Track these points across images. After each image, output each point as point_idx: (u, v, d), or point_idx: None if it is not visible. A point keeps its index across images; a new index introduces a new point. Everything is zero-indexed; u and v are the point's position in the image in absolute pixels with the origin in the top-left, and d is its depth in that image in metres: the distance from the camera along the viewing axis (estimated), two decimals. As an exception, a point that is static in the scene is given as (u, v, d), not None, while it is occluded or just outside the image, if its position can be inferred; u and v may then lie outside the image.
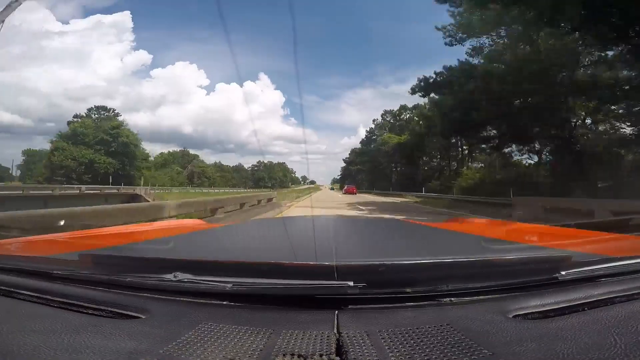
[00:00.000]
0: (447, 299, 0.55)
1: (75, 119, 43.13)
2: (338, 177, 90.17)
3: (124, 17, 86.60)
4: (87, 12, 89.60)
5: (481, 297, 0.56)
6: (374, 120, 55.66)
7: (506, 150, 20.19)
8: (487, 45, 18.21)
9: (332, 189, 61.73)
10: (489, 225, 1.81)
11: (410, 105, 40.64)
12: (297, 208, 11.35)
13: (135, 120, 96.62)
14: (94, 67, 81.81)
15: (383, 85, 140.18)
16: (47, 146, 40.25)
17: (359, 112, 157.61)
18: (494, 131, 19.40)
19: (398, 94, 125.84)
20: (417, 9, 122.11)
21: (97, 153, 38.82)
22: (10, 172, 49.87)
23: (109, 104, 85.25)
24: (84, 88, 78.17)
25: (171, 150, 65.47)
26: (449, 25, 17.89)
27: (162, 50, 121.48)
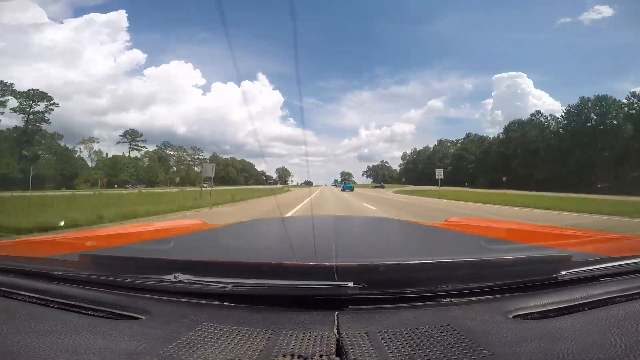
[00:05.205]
0: (447, 299, 0.55)
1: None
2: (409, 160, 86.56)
3: (119, 16, 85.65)
4: (80, 11, 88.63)
5: (481, 297, 0.56)
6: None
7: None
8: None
9: (343, 188, 33.61)
10: (488, 225, 1.81)
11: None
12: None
13: (126, 119, 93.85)
14: (86, 66, 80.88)
15: (383, 87, 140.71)
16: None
17: (358, 114, 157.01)
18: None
19: (398, 95, 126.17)
20: (416, 11, 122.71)
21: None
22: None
23: (99, 102, 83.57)
24: (76, 87, 77.27)
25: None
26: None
27: (157, 49, 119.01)
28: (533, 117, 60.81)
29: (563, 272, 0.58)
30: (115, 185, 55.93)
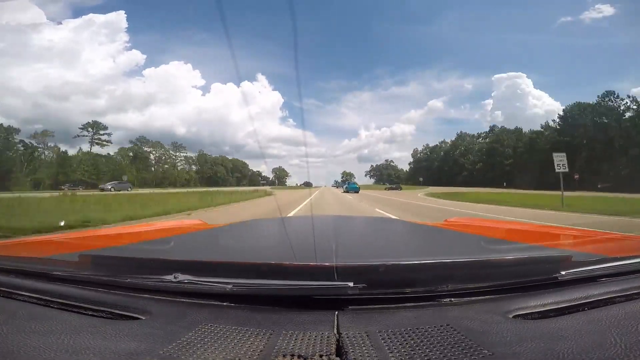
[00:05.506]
0: (447, 300, 0.55)
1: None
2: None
3: (118, 17, 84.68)
4: (79, 11, 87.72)
5: (481, 297, 0.56)
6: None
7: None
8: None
9: (347, 189, 30.43)
10: (488, 225, 1.81)
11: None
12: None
13: (124, 120, 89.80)
14: (85, 67, 79.56)
15: (383, 87, 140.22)
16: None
17: (358, 115, 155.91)
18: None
19: (398, 95, 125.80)
20: (416, 11, 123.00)
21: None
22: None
23: (97, 103, 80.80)
24: (74, 87, 75.84)
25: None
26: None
27: (156, 50, 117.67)
28: (603, 100, 48.32)
29: (563, 272, 0.58)
30: (69, 186, 43.98)
